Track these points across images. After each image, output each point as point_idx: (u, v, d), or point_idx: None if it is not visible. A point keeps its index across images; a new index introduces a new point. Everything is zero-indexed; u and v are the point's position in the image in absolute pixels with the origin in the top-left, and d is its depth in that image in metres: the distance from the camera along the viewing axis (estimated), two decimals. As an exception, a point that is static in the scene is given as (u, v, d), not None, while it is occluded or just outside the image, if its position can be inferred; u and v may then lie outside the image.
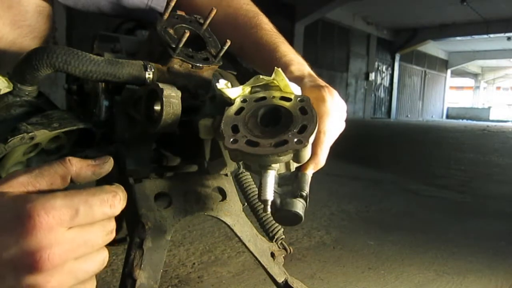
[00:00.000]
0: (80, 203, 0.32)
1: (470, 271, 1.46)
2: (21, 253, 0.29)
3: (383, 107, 16.43)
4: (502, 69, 26.52)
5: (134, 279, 0.57)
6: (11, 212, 0.30)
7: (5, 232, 0.30)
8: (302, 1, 9.75)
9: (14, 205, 0.30)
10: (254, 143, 0.42)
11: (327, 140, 0.52)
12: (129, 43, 0.65)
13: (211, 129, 0.50)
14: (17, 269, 0.30)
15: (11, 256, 0.29)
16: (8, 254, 0.29)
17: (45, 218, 0.30)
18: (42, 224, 0.29)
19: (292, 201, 0.48)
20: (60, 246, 0.30)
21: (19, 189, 0.32)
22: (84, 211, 0.32)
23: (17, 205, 0.30)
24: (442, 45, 18.44)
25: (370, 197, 2.54)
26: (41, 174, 0.34)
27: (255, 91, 0.52)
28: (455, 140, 8.07)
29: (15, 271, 0.30)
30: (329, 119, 0.52)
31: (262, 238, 0.78)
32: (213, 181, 0.75)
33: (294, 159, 0.45)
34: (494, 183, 3.44)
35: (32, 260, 0.29)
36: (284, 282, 0.79)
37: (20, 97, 0.52)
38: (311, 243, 1.66)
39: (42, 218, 0.30)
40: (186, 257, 1.43)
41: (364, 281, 1.33)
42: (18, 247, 0.29)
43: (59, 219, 0.30)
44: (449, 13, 12.71)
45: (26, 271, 0.30)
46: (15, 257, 0.29)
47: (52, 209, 0.30)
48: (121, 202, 0.35)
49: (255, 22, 0.72)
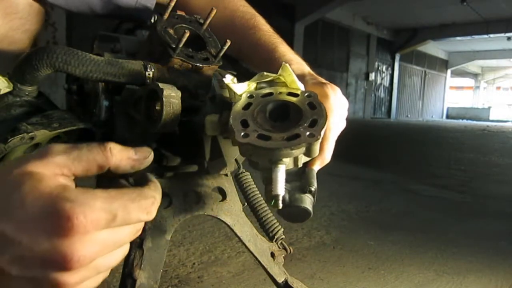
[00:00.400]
0: (119, 208, 0.31)
1: (470, 271, 1.46)
2: (52, 251, 0.29)
3: (383, 107, 16.43)
4: (502, 69, 26.53)
5: (134, 279, 0.57)
6: (48, 207, 0.29)
7: (38, 225, 0.29)
8: (302, 1, 9.75)
9: (52, 200, 0.29)
10: (266, 137, 0.42)
11: (332, 136, 0.53)
12: (129, 43, 0.65)
13: (218, 125, 0.49)
14: (45, 264, 0.29)
15: (42, 251, 0.29)
16: (39, 248, 0.29)
17: (82, 221, 0.29)
18: (79, 228, 0.29)
19: (301, 197, 0.48)
20: (92, 248, 0.30)
21: (54, 171, 0.31)
22: (122, 217, 0.31)
23: (55, 201, 0.29)
24: (442, 45, 18.45)
25: (370, 197, 2.54)
26: (79, 159, 0.33)
27: (261, 87, 0.52)
28: (455, 140, 8.08)
29: (43, 266, 0.29)
30: (333, 115, 0.53)
31: (262, 238, 0.79)
32: (213, 181, 0.75)
33: (306, 153, 0.45)
34: (494, 183, 3.44)
35: (63, 261, 0.29)
36: (284, 282, 0.79)
37: (20, 97, 0.52)
38: (311, 243, 1.66)
39: (80, 221, 0.29)
40: (186, 257, 1.43)
41: (364, 281, 1.33)
42: (51, 244, 0.29)
43: (96, 223, 0.30)
44: (449, 13, 12.72)
45: (55, 268, 0.29)
46: (45, 253, 0.29)
47: (91, 212, 0.29)
48: (156, 208, 0.35)
49: (252, 24, 0.72)
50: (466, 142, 7.63)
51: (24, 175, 0.30)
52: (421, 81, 19.42)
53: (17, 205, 0.29)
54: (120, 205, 0.31)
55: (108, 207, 0.30)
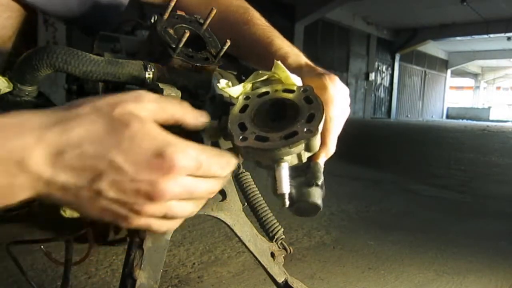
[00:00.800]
0: (204, 160, 0.37)
1: (470, 271, 1.46)
2: (148, 183, 0.34)
3: (383, 107, 16.43)
4: (502, 69, 26.53)
5: (134, 279, 0.57)
6: (153, 148, 0.34)
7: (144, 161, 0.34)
8: (302, 1, 9.75)
9: (158, 143, 0.35)
10: (264, 138, 0.42)
11: (334, 127, 0.53)
12: (129, 43, 0.65)
13: (217, 131, 0.50)
14: (139, 192, 0.35)
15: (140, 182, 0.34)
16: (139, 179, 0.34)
17: (179, 164, 0.35)
18: (175, 169, 0.35)
19: (308, 191, 0.48)
20: (176, 189, 0.36)
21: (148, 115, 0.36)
22: (205, 168, 0.37)
23: (161, 144, 0.35)
24: (442, 45, 18.44)
25: (370, 197, 2.54)
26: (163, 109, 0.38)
27: (257, 87, 0.52)
28: (455, 140, 8.08)
29: (137, 194, 0.35)
30: (334, 106, 0.52)
31: (262, 238, 0.78)
32: (213, 181, 0.75)
33: (306, 149, 0.45)
34: (494, 183, 3.44)
35: (154, 193, 0.35)
36: (284, 282, 0.79)
37: (20, 97, 0.52)
38: (311, 243, 1.66)
39: (177, 163, 0.34)
40: (186, 257, 1.43)
41: (364, 281, 1.33)
42: (150, 178, 0.34)
43: (187, 168, 0.35)
44: (449, 13, 12.72)
45: (144, 197, 0.35)
46: (142, 183, 0.34)
47: (186, 158, 0.35)
48: (231, 169, 0.40)
49: (246, 18, 0.72)
50: (466, 142, 7.63)
51: (129, 116, 0.35)
52: (421, 81, 19.41)
53: (127, 141, 0.34)
54: (205, 157, 0.37)
55: (197, 157, 0.36)
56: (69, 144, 0.33)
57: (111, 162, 0.34)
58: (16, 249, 0.89)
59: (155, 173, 0.34)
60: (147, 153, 0.34)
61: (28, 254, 1.32)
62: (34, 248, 1.34)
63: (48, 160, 0.33)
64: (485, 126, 14.67)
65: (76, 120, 0.34)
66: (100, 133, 0.34)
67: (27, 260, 1.29)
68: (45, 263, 1.27)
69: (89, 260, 1.30)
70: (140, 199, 0.35)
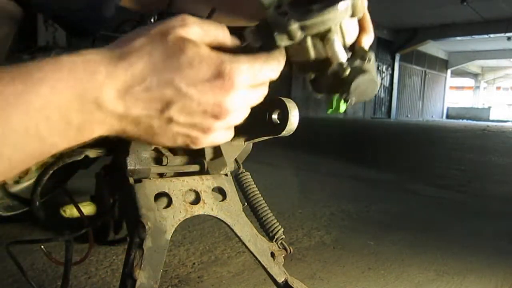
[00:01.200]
0: (257, 69, 0.39)
1: (470, 271, 1.46)
2: (213, 103, 0.37)
3: (383, 107, 16.44)
4: (502, 69, 26.53)
5: (134, 279, 0.57)
6: (212, 69, 0.36)
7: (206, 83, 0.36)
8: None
9: (216, 63, 0.36)
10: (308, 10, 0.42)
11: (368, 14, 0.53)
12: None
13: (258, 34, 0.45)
14: (206, 113, 0.37)
15: (206, 103, 0.37)
16: (205, 100, 0.37)
17: (238, 80, 0.37)
18: (235, 85, 0.37)
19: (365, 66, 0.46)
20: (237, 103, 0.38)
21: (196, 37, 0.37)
22: (259, 77, 0.39)
23: (219, 64, 0.36)
24: (442, 45, 18.45)
25: (370, 197, 2.54)
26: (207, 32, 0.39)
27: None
28: (455, 140, 8.08)
29: (204, 115, 0.38)
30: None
31: (262, 238, 0.79)
32: (213, 181, 0.75)
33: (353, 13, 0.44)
34: (494, 183, 3.44)
35: (219, 111, 0.37)
36: (284, 282, 0.79)
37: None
38: (311, 243, 1.66)
39: (236, 80, 0.37)
40: (186, 257, 1.43)
41: (364, 281, 1.33)
42: (213, 96, 0.37)
43: (244, 83, 0.38)
44: (449, 13, 12.72)
45: (211, 116, 0.38)
46: (208, 104, 0.37)
47: (241, 73, 0.37)
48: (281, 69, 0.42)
49: None
50: (466, 142, 7.63)
51: (182, 41, 0.36)
52: (421, 81, 19.42)
53: (186, 66, 0.36)
54: (257, 66, 0.39)
55: (251, 69, 0.38)
56: (135, 79, 0.35)
57: (176, 89, 0.36)
58: (16, 249, 0.89)
59: (219, 93, 0.36)
60: (207, 75, 0.36)
61: (28, 254, 1.32)
62: (34, 248, 1.34)
63: (119, 96, 0.34)
64: (485, 126, 14.67)
65: (134, 54, 0.35)
66: (159, 64, 0.35)
67: (27, 260, 1.29)
68: (45, 263, 1.27)
69: (89, 260, 1.30)
70: (208, 119, 0.38)
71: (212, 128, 0.39)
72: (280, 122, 0.69)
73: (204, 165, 0.77)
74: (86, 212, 0.83)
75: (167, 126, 0.37)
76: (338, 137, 7.53)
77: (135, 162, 0.65)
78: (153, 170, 0.69)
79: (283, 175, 3.19)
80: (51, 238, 0.89)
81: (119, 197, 0.76)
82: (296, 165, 3.69)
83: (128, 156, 0.64)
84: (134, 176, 0.66)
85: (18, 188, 0.99)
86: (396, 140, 7.74)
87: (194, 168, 0.77)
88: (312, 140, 5.70)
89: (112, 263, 1.32)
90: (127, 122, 0.36)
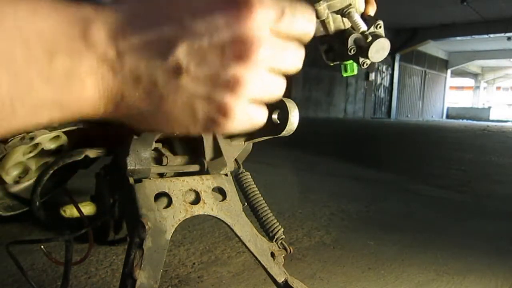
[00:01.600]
0: (286, 6, 0.29)
1: (470, 271, 1.46)
2: (232, 38, 0.28)
3: (383, 107, 16.44)
4: (502, 69, 26.53)
5: (134, 279, 0.57)
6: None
7: (216, 11, 0.28)
8: (302, 1, 9.74)
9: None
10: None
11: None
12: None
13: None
14: (225, 55, 0.28)
15: (221, 40, 0.28)
16: (218, 37, 0.28)
17: (257, 9, 0.28)
18: (255, 14, 0.27)
19: (379, 30, 0.56)
20: (264, 47, 0.28)
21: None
22: (288, 17, 0.30)
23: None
24: (442, 45, 18.45)
25: (370, 197, 2.54)
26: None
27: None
28: (455, 140, 8.08)
29: (222, 57, 0.28)
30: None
31: (262, 238, 0.79)
32: (213, 181, 0.75)
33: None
34: (494, 183, 3.44)
35: (242, 49, 0.28)
36: (284, 282, 0.79)
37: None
38: (311, 243, 1.66)
39: (256, 8, 0.27)
40: (186, 257, 1.43)
41: (364, 281, 1.33)
42: (230, 31, 0.27)
43: (267, 16, 0.28)
44: (449, 13, 12.72)
45: (233, 59, 0.28)
46: (225, 42, 0.28)
47: (263, 3, 0.28)
48: (314, 27, 0.32)
49: None
50: (466, 142, 7.63)
51: None
52: (421, 81, 19.42)
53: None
54: (286, 4, 0.30)
55: (276, 3, 0.29)
56: (126, 16, 0.28)
57: (179, 23, 0.28)
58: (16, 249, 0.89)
59: (234, 22, 0.28)
60: (221, 4, 0.28)
61: (28, 254, 1.32)
62: (34, 248, 1.34)
63: (110, 37, 0.27)
64: (485, 126, 14.67)
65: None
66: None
67: (27, 260, 1.29)
68: (45, 263, 1.27)
69: (89, 260, 1.30)
70: (229, 60, 0.28)
71: (240, 82, 0.29)
72: (280, 122, 0.69)
73: (204, 165, 0.77)
74: (86, 212, 0.83)
75: (177, 82, 0.28)
76: (338, 137, 7.54)
77: (135, 162, 0.65)
78: (153, 170, 0.69)
79: (283, 175, 3.19)
80: (51, 238, 0.89)
81: (119, 197, 0.76)
82: (296, 165, 3.69)
83: (128, 156, 0.65)
84: (134, 176, 0.66)
85: (18, 188, 0.99)
86: (396, 140, 7.74)
87: (194, 168, 0.77)
88: (312, 140, 5.70)
89: (112, 263, 1.32)
90: (124, 78, 0.28)
